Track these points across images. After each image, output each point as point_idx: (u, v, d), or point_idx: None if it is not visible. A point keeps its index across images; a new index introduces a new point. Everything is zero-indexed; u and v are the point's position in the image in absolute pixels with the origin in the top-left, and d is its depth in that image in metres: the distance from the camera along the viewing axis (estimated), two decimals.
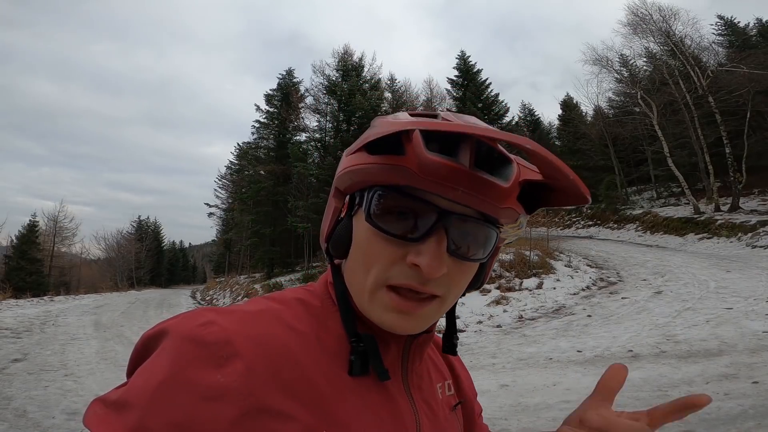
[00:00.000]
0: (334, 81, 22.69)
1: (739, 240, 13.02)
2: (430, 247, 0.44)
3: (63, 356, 7.16)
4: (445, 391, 0.62)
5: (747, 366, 4.27)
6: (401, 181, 0.44)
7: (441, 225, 0.44)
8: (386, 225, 0.45)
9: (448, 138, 0.43)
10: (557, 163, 0.41)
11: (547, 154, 0.40)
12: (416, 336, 0.54)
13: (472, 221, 0.45)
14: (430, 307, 0.47)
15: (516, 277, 10.46)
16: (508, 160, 0.46)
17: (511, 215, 0.46)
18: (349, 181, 0.49)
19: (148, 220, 50.51)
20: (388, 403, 0.50)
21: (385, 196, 0.45)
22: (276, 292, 0.56)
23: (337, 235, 0.52)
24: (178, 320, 0.45)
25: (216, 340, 0.42)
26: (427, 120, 0.43)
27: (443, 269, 0.44)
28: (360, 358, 0.48)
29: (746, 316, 6.00)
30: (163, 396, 0.39)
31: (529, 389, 4.43)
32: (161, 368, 0.41)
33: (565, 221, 25.49)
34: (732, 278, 8.57)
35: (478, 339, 6.98)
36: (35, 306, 13.82)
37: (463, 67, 30.03)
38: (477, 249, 0.47)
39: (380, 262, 0.46)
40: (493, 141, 0.44)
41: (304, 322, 0.49)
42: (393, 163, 0.43)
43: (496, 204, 0.44)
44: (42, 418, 4.30)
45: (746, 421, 3.20)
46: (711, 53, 21.49)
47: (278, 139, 26.76)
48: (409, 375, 0.55)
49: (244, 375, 0.41)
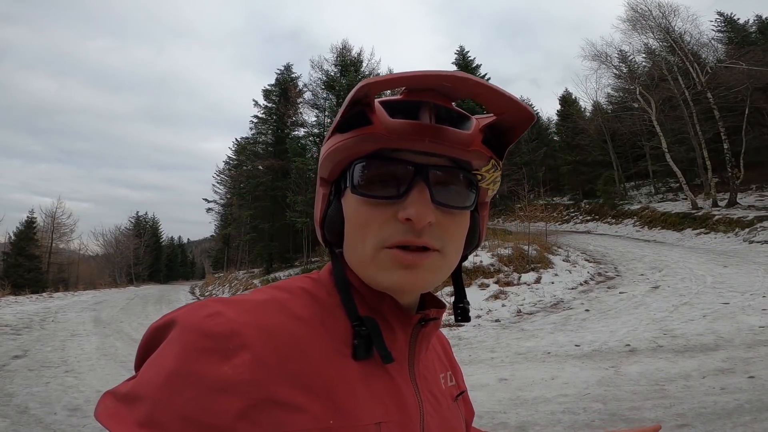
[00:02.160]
0: (333, 76, 22.62)
1: (737, 235, 13.08)
2: (413, 198, 0.47)
3: (63, 352, 7.17)
4: (448, 381, 0.62)
5: (743, 361, 4.31)
6: (374, 146, 0.48)
7: (419, 178, 0.47)
8: (371, 191, 0.48)
9: (408, 108, 0.49)
10: (493, 87, 0.45)
11: (478, 79, 0.44)
12: (424, 325, 0.55)
13: (448, 170, 0.49)
14: (432, 259, 0.48)
15: (514, 271, 10.49)
16: (466, 116, 0.52)
17: (480, 157, 0.50)
18: (330, 164, 0.52)
19: (146, 216, 50.48)
20: (393, 390, 0.50)
21: (364, 166, 0.49)
22: (281, 281, 0.56)
23: (329, 219, 0.54)
24: (184, 311, 0.45)
25: (223, 332, 0.42)
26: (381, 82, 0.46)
27: (430, 215, 0.47)
28: (363, 342, 0.48)
29: (743, 311, 6.04)
30: (172, 389, 0.40)
31: (527, 383, 4.46)
32: (169, 361, 0.41)
33: (564, 216, 25.54)
34: (729, 273, 8.62)
35: (477, 333, 7.01)
36: (34, 303, 13.83)
37: (462, 62, 29.97)
38: (458, 196, 0.50)
39: (374, 227, 0.48)
40: (447, 101, 0.50)
41: (310, 310, 0.50)
42: (363, 133, 0.48)
43: (464, 148, 0.49)
44: (44, 415, 4.31)
45: (742, 416, 3.23)
46: (710, 50, 21.50)
47: (276, 134, 26.69)
48: (416, 364, 0.55)
49: (251, 366, 0.41)
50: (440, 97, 0.49)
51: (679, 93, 19.53)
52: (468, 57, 30.22)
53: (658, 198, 22.68)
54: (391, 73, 0.44)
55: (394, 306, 0.53)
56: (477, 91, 0.46)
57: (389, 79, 0.43)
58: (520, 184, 18.49)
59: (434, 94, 0.49)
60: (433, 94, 0.49)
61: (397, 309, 0.53)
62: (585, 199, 26.20)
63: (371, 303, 0.53)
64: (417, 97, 0.49)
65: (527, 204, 16.03)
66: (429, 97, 0.49)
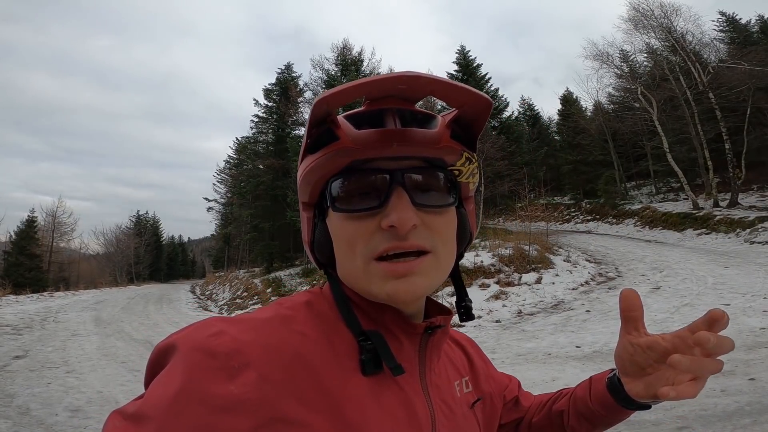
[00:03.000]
0: (333, 75, 22.59)
1: (738, 236, 13.05)
2: (394, 205, 0.47)
3: (64, 353, 7.18)
4: (463, 389, 0.62)
5: (744, 363, 4.30)
6: (346, 160, 0.49)
7: (396, 184, 0.48)
8: (352, 205, 0.49)
9: (372, 117, 0.49)
10: (447, 81, 0.45)
11: (429, 76, 0.45)
12: (432, 334, 0.55)
13: (423, 170, 0.50)
14: (424, 264, 0.48)
15: (515, 271, 10.49)
16: (431, 115, 0.52)
17: (451, 152, 0.51)
18: (308, 186, 0.53)
19: (147, 214, 50.46)
20: (404, 403, 0.50)
21: (341, 182, 0.50)
22: (284, 297, 0.56)
23: (317, 243, 0.55)
24: (188, 331, 0.46)
25: (227, 351, 0.42)
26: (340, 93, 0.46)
27: (413, 218, 0.47)
28: (371, 356, 0.48)
29: (744, 312, 6.03)
30: (179, 409, 0.40)
31: (527, 384, 4.39)
32: (175, 381, 0.41)
33: (564, 216, 25.51)
34: (730, 274, 8.61)
35: (477, 334, 7.01)
36: (35, 302, 13.85)
37: (462, 61, 29.95)
38: (438, 194, 0.50)
39: (360, 241, 0.48)
40: (410, 104, 0.51)
41: (315, 326, 0.49)
42: (332, 150, 0.48)
43: (433, 146, 0.49)
44: (45, 416, 4.32)
45: (742, 418, 3.23)
46: (712, 49, 21.44)
47: (277, 133, 26.65)
48: (427, 374, 0.55)
49: (257, 385, 0.41)
50: (401, 102, 0.50)
51: (680, 93, 19.48)
52: (469, 56, 30.19)
53: (659, 198, 22.65)
54: (344, 83, 0.44)
55: (397, 317, 0.53)
56: (433, 88, 0.47)
57: (344, 90, 0.43)
58: (520, 183, 18.49)
59: (395, 100, 0.50)
60: (394, 100, 0.50)
61: (401, 319, 0.53)
62: (586, 199, 26.17)
63: (373, 316, 0.53)
64: (378, 105, 0.50)
65: (528, 204, 16.02)
66: (391, 104, 0.49)
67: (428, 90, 0.47)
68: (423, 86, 0.46)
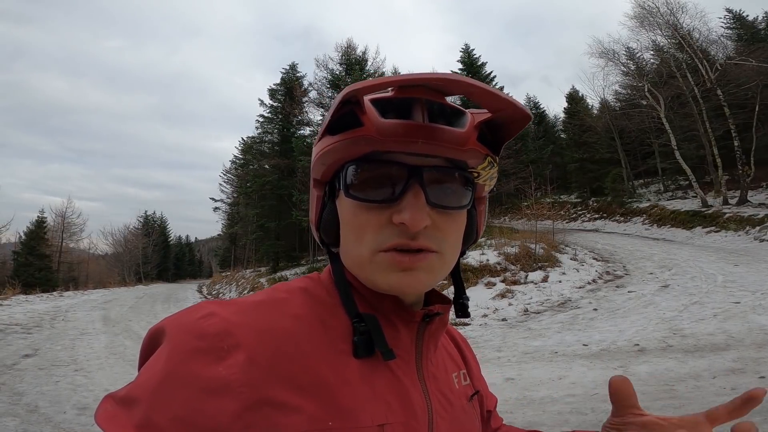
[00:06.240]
0: (338, 75, 22.60)
1: (747, 233, 12.90)
2: (408, 202, 0.46)
3: (73, 351, 7.24)
4: (461, 381, 0.61)
5: (754, 360, 4.25)
6: (366, 149, 0.47)
7: (414, 180, 0.46)
8: (365, 194, 0.48)
9: (400, 106, 0.47)
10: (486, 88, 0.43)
11: (475, 82, 0.43)
12: (429, 322, 0.54)
13: (442, 170, 0.48)
14: (429, 261, 0.48)
15: (521, 270, 10.45)
16: (461, 112, 0.50)
17: (475, 155, 0.49)
18: (322, 166, 0.51)
19: (155, 215, 50.78)
20: (399, 391, 0.49)
21: (357, 168, 0.48)
22: (280, 283, 0.56)
23: (324, 221, 0.54)
24: (179, 315, 0.46)
25: (217, 332, 0.42)
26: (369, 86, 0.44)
27: (426, 219, 0.46)
28: (363, 339, 0.47)
29: (754, 310, 5.96)
30: (167, 390, 0.40)
31: (534, 383, 4.44)
32: (164, 363, 0.41)
33: (571, 214, 25.35)
34: (740, 272, 8.51)
35: (483, 332, 6.99)
36: (45, 301, 13.97)
37: (467, 60, 29.81)
38: (454, 195, 0.49)
39: (370, 230, 0.47)
40: (440, 96, 0.48)
41: (309, 309, 0.49)
42: (354, 135, 0.46)
43: (458, 147, 0.47)
44: (53, 413, 4.35)
45: (752, 417, 3.14)
46: (719, 46, 21.17)
47: (282, 133, 26.74)
48: (424, 363, 0.54)
49: (246, 367, 0.41)
50: (432, 93, 0.47)
51: (688, 90, 19.31)
52: (473, 55, 30.05)
53: (668, 196, 22.43)
54: (379, 77, 0.43)
55: (395, 304, 0.52)
56: (471, 90, 0.45)
57: (377, 84, 0.42)
58: (527, 182, 18.39)
59: (426, 90, 0.47)
60: (424, 90, 0.47)
61: (399, 307, 0.52)
62: (593, 197, 25.98)
63: (372, 301, 0.52)
64: (408, 93, 0.47)
65: (534, 202, 15.95)
66: (422, 93, 0.47)
67: (465, 90, 0.45)
68: (461, 87, 0.44)
